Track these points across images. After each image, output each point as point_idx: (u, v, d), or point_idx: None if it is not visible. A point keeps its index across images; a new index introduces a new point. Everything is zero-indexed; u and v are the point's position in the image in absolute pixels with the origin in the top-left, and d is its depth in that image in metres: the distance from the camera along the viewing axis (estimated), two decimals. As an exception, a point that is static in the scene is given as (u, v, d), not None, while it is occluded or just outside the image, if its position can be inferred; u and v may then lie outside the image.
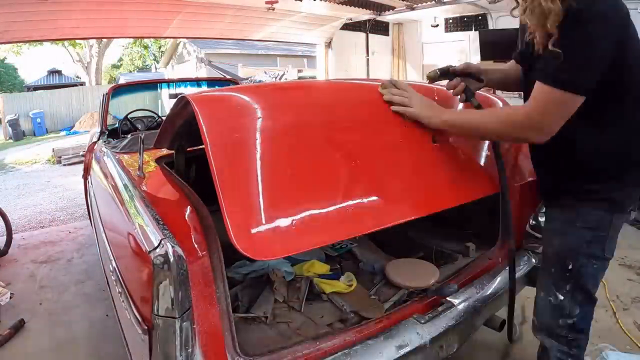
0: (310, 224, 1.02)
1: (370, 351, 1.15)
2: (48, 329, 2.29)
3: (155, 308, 0.92)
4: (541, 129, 1.03)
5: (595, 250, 1.13)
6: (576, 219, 1.14)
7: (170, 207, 1.24)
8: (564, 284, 1.17)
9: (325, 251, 2.02)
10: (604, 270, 1.19)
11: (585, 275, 1.15)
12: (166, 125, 1.47)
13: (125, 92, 3.76)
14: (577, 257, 1.14)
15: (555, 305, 1.19)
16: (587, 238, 1.13)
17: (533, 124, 1.04)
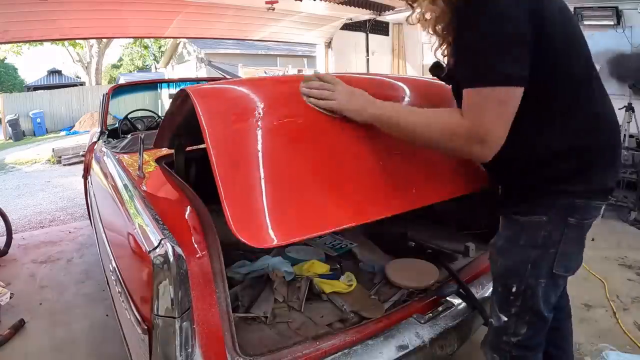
0: (309, 213, 1.00)
1: (370, 351, 1.15)
2: (48, 329, 2.29)
3: (155, 308, 0.92)
4: (484, 139, 0.86)
5: (542, 270, 0.98)
6: (520, 235, 1.00)
7: (170, 207, 1.24)
8: (508, 306, 1.04)
9: (325, 251, 2.02)
10: (560, 287, 1.05)
11: (533, 296, 1.00)
12: (165, 122, 1.46)
13: (125, 92, 3.76)
14: (521, 278, 1.00)
15: (499, 327, 1.07)
16: (531, 257, 0.98)
17: (475, 134, 0.86)
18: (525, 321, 1.02)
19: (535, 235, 0.97)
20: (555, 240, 0.96)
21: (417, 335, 1.22)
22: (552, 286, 1.01)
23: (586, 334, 2.03)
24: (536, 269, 0.98)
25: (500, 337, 1.07)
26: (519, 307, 1.02)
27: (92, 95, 15.52)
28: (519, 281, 1.00)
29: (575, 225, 0.96)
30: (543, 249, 0.97)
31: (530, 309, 1.01)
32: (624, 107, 3.97)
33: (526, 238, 0.99)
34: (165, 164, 1.71)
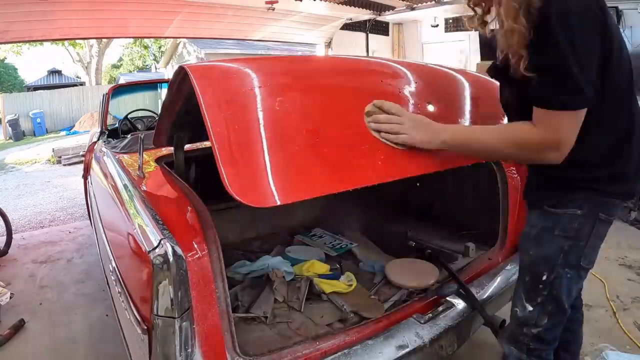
0: (305, 175, 0.98)
1: (370, 351, 1.15)
2: (48, 329, 2.29)
3: (155, 308, 0.92)
4: (558, 148, 0.94)
5: (571, 260, 1.05)
6: (555, 226, 1.06)
7: (170, 207, 1.24)
8: (535, 295, 1.09)
9: (325, 251, 2.02)
10: (581, 281, 1.12)
11: (559, 286, 1.07)
12: (163, 114, 1.45)
13: (125, 92, 3.76)
14: (552, 267, 1.06)
15: (522, 316, 1.12)
16: (564, 247, 1.05)
17: (550, 144, 0.95)
18: (548, 312, 1.08)
19: (569, 227, 1.04)
20: (586, 234, 1.03)
21: (417, 335, 1.21)
22: (576, 278, 1.07)
23: (586, 334, 2.02)
24: (567, 259, 1.05)
25: (522, 329, 1.12)
26: (545, 296, 1.08)
27: (92, 95, 15.52)
28: (550, 269, 1.06)
29: (604, 221, 1.04)
30: (575, 240, 1.04)
31: (554, 299, 1.07)
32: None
33: (561, 228, 1.04)
34: (165, 164, 1.71)
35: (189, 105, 1.25)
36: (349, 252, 2.03)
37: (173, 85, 1.23)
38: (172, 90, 1.26)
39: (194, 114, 1.11)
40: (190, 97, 1.10)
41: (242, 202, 0.85)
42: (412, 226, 2.16)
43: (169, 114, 1.42)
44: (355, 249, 2.04)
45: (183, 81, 1.18)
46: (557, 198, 1.06)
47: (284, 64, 1.34)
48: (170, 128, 1.51)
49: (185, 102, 1.29)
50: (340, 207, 2.51)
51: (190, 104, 1.19)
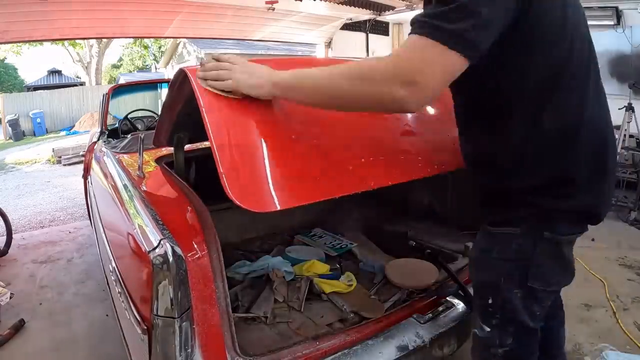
0: (305, 180, 0.98)
1: (370, 351, 1.15)
2: (48, 329, 2.29)
3: (155, 308, 0.92)
4: (411, 82, 0.72)
5: (515, 283, 0.92)
6: (492, 248, 0.95)
7: (170, 207, 1.24)
8: (489, 318, 0.98)
9: (325, 251, 2.02)
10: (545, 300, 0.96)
11: (512, 308, 0.94)
12: (163, 115, 1.45)
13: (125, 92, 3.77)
14: (496, 291, 0.95)
15: (483, 337, 1.00)
16: (504, 271, 0.93)
17: (402, 75, 0.73)
18: (510, 332, 0.97)
19: (507, 248, 0.92)
20: (527, 253, 0.90)
21: (417, 335, 1.21)
22: (531, 299, 0.93)
23: (586, 334, 2.03)
24: (510, 282, 0.93)
25: (488, 349, 1.01)
26: (499, 319, 0.97)
27: (92, 95, 15.52)
28: (495, 294, 0.96)
29: (550, 239, 0.89)
30: (515, 262, 0.92)
31: (511, 321, 0.96)
32: (624, 107, 3.97)
33: (498, 250, 0.94)
34: (165, 164, 1.71)
35: (190, 107, 1.25)
36: (349, 252, 2.03)
37: (173, 87, 1.23)
38: (172, 91, 1.26)
39: (195, 115, 1.10)
40: (191, 100, 1.09)
41: (242, 207, 0.85)
42: (412, 226, 2.16)
43: (169, 115, 1.42)
44: (355, 249, 2.04)
45: (183, 83, 1.18)
46: (496, 215, 0.95)
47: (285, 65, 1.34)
48: (171, 129, 1.51)
49: (186, 104, 1.28)
50: (340, 207, 2.51)
51: (191, 106, 1.19)
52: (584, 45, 0.87)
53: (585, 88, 0.87)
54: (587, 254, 2.81)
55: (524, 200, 0.89)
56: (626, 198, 3.77)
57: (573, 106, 0.85)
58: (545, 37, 0.80)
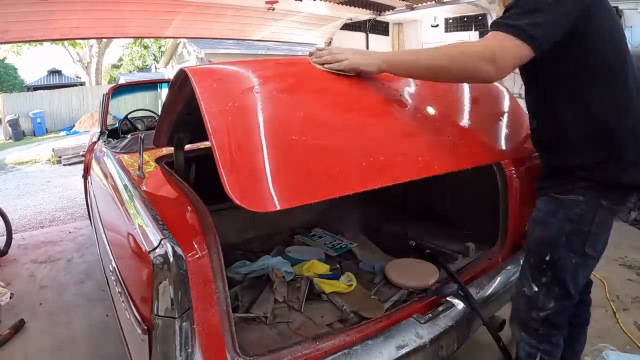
0: (305, 180, 0.97)
1: (370, 351, 1.15)
2: (48, 329, 2.29)
3: (155, 308, 0.92)
4: (494, 60, 0.96)
5: (574, 244, 1.10)
6: (558, 210, 1.12)
7: (170, 207, 1.24)
8: (539, 275, 1.15)
9: (325, 251, 2.02)
10: (588, 269, 1.16)
11: (563, 268, 1.11)
12: (163, 114, 1.45)
13: (125, 92, 3.76)
14: (555, 248, 1.12)
15: (529, 296, 1.17)
16: (567, 230, 1.10)
17: (487, 55, 0.97)
18: (554, 294, 1.13)
19: (571, 212, 1.09)
20: (588, 219, 1.08)
21: (417, 335, 1.21)
22: (581, 265, 1.11)
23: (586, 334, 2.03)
24: (570, 242, 1.09)
25: (530, 312, 1.17)
26: (549, 277, 1.12)
27: (92, 95, 15.52)
28: (553, 251, 1.11)
29: (607, 208, 1.07)
30: (578, 225, 1.09)
31: (559, 281, 1.12)
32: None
33: (564, 212, 1.10)
34: (165, 164, 1.71)
35: (190, 107, 1.25)
36: (349, 252, 2.03)
37: (174, 87, 1.23)
38: (172, 91, 1.26)
39: (195, 115, 1.10)
40: (191, 100, 1.09)
41: (242, 207, 0.85)
42: (412, 226, 2.16)
43: (170, 114, 1.42)
44: (355, 249, 2.04)
45: (184, 84, 1.18)
46: (561, 185, 1.12)
47: (284, 66, 1.34)
48: (171, 128, 1.51)
49: (186, 104, 1.28)
50: (341, 207, 2.51)
51: (191, 106, 1.19)
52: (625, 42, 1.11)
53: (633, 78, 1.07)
54: (587, 254, 2.80)
55: (585, 174, 1.07)
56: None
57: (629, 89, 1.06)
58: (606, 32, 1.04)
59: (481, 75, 0.99)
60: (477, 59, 0.98)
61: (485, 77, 1.00)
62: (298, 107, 1.10)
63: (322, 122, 1.10)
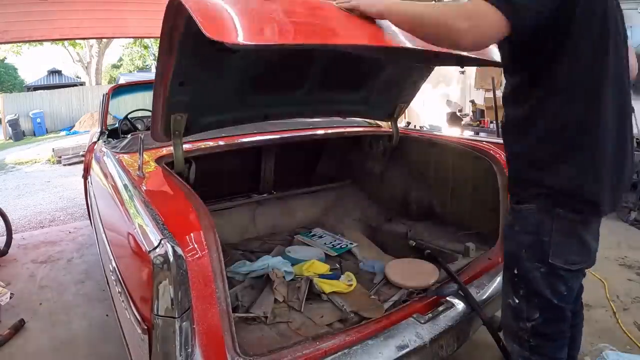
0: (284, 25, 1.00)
1: (370, 351, 1.15)
2: (48, 329, 2.29)
3: (155, 308, 0.92)
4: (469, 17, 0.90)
5: (536, 256, 1.04)
6: (515, 222, 1.09)
7: (170, 207, 1.24)
8: (516, 288, 1.12)
9: (325, 251, 2.02)
10: (570, 279, 1.06)
11: (534, 280, 1.06)
12: (157, 90, 1.39)
13: (125, 92, 3.75)
14: (518, 262, 1.08)
15: (514, 307, 1.13)
16: (525, 243, 1.06)
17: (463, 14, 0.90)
18: (535, 305, 1.08)
19: (527, 223, 1.05)
20: (546, 229, 1.02)
21: (417, 335, 1.22)
22: (554, 276, 1.04)
23: (586, 334, 2.02)
24: (530, 254, 1.05)
25: (517, 322, 1.13)
26: (525, 290, 1.09)
27: (92, 95, 15.51)
28: (517, 265, 1.09)
29: (564, 217, 1.00)
30: (535, 236, 1.04)
31: (536, 294, 1.07)
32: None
33: (520, 224, 1.07)
34: (165, 164, 1.70)
35: (181, 73, 1.25)
36: (349, 252, 2.03)
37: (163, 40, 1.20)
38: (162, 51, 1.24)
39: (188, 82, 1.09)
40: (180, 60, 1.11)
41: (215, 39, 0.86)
42: (412, 226, 2.16)
43: (162, 89, 1.37)
44: (355, 249, 2.04)
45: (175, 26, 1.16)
46: (518, 195, 1.09)
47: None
48: (166, 108, 1.45)
49: (176, 70, 1.27)
50: (340, 207, 2.51)
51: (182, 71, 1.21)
52: None
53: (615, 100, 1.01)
54: (587, 254, 2.80)
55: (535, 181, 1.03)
56: (626, 198, 3.77)
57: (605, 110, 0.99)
58: None
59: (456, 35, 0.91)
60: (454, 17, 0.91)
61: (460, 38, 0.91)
62: None
63: None
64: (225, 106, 1.69)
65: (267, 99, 1.83)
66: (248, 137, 2.07)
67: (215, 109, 1.68)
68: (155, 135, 1.59)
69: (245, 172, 2.48)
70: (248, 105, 1.78)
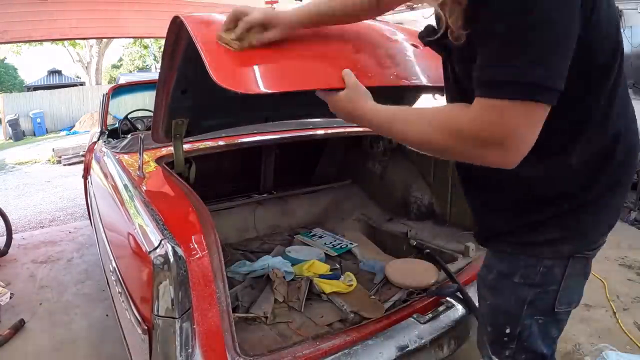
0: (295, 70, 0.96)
1: (370, 351, 1.15)
2: (48, 329, 2.29)
3: (155, 308, 0.92)
4: (503, 143, 0.63)
5: (540, 308, 0.83)
6: (514, 271, 0.83)
7: (170, 207, 1.24)
8: (501, 348, 0.88)
9: (325, 251, 2.02)
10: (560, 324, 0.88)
11: (530, 336, 0.85)
12: (158, 95, 1.37)
13: (125, 92, 3.75)
14: (516, 320, 0.84)
15: None
16: (528, 297, 0.82)
17: (487, 135, 0.64)
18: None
19: (530, 273, 0.82)
20: (556, 277, 0.81)
21: (417, 335, 1.22)
22: (553, 322, 0.86)
23: (586, 334, 2.03)
24: (533, 309, 0.83)
25: None
26: (513, 350, 0.88)
27: (92, 95, 15.49)
28: (514, 323, 0.86)
29: (582, 257, 0.82)
30: (541, 287, 0.82)
31: (526, 350, 0.87)
32: (624, 107, 3.97)
33: (521, 274, 0.83)
34: (165, 164, 1.71)
35: (184, 80, 1.24)
36: (349, 252, 2.03)
37: (168, 45, 1.20)
38: (166, 54, 1.23)
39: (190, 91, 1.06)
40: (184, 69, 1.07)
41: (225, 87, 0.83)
42: (412, 226, 2.16)
43: (164, 95, 1.36)
44: (355, 249, 2.04)
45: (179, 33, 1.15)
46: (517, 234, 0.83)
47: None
48: (167, 114, 1.45)
49: (179, 77, 1.26)
50: (340, 207, 2.51)
51: (185, 79, 1.18)
52: None
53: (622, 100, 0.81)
54: (587, 254, 2.80)
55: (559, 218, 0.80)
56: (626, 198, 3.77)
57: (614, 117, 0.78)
58: None
59: (490, 163, 0.67)
60: (478, 145, 0.65)
61: (495, 164, 0.67)
62: None
63: None
64: (227, 109, 1.70)
65: (268, 100, 1.83)
66: (248, 137, 2.07)
67: (216, 112, 1.68)
68: (156, 138, 1.60)
69: (245, 172, 2.48)
70: (249, 107, 1.78)
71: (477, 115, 0.65)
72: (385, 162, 2.48)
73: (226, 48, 0.90)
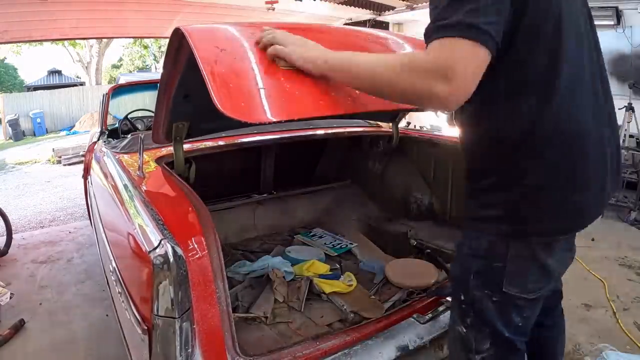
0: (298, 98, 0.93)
1: (370, 351, 1.15)
2: (48, 329, 2.29)
3: (155, 308, 0.92)
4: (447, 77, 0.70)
5: (487, 284, 0.88)
6: (464, 242, 0.93)
7: (170, 207, 1.24)
8: (463, 315, 0.95)
9: (325, 251, 2.02)
10: (527, 309, 0.90)
11: (484, 310, 0.90)
12: (160, 99, 1.37)
13: (125, 92, 3.75)
14: (466, 288, 0.92)
15: (462, 337, 0.96)
16: (474, 268, 0.89)
17: (440, 71, 0.71)
18: (486, 336, 0.92)
19: (476, 245, 0.89)
20: (499, 254, 0.86)
21: (417, 335, 1.21)
22: (510, 305, 0.89)
23: (586, 334, 2.03)
24: (479, 281, 0.89)
25: (466, 354, 0.96)
26: (473, 319, 0.93)
27: (92, 95, 15.50)
28: (464, 290, 0.93)
29: (528, 242, 0.85)
30: (486, 260, 0.88)
31: (487, 324, 0.91)
32: (624, 107, 3.97)
33: (469, 245, 0.91)
34: (165, 164, 1.71)
35: (186, 86, 1.24)
36: (349, 252, 2.03)
37: (169, 56, 1.18)
38: (168, 63, 1.21)
39: (192, 96, 1.07)
40: (186, 74, 1.07)
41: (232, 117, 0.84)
42: (412, 226, 2.16)
43: (166, 99, 1.36)
44: (355, 249, 2.04)
45: (180, 48, 1.14)
46: (468, 208, 0.92)
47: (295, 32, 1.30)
48: (168, 118, 1.45)
49: (181, 82, 1.25)
50: (340, 207, 2.51)
51: (187, 84, 1.18)
52: None
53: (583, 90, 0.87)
54: (587, 254, 2.81)
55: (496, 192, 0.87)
56: (626, 198, 3.77)
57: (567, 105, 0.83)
58: None
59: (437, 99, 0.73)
60: (428, 77, 0.72)
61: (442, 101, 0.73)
62: None
63: None
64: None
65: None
66: (248, 137, 2.07)
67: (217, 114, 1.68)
68: (157, 140, 1.60)
69: (245, 172, 2.48)
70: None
71: (427, 52, 0.74)
72: (385, 162, 2.48)
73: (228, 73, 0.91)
